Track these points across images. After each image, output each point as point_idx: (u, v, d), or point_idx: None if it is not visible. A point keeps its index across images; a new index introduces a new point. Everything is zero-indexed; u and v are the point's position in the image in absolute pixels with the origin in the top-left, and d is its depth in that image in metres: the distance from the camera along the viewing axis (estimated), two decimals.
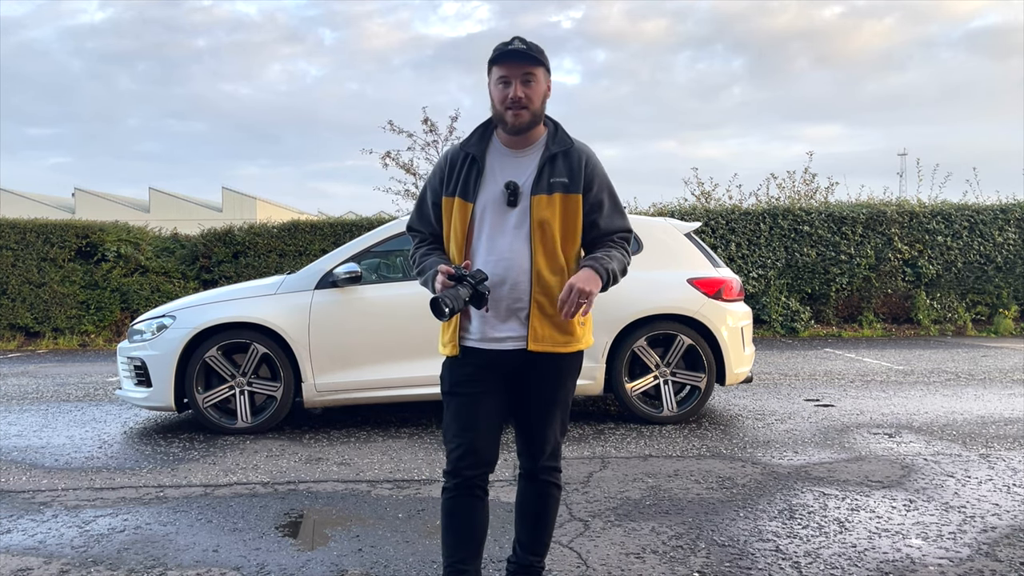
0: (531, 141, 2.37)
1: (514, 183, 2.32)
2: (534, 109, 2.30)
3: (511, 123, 2.29)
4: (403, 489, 4.03)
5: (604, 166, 2.44)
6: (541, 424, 2.43)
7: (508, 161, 2.36)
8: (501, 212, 2.32)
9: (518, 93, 2.26)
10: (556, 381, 2.41)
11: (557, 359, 2.38)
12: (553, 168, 2.33)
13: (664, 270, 5.69)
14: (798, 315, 12.22)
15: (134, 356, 5.44)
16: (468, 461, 2.33)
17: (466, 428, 2.34)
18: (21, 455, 4.90)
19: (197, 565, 3.04)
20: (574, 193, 2.33)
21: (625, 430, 5.34)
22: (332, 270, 5.45)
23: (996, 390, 6.86)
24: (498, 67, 2.29)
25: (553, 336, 2.34)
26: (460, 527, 2.38)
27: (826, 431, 5.26)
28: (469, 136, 2.42)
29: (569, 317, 2.23)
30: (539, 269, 2.30)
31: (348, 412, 6.04)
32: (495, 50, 2.28)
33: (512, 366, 2.37)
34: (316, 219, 13.04)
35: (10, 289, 12.14)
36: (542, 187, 2.31)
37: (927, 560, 2.99)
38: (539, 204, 2.30)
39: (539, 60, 2.28)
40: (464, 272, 2.22)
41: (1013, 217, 12.44)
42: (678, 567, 2.95)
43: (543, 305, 2.32)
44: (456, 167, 2.38)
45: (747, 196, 15.15)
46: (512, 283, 2.31)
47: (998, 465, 4.36)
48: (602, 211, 2.39)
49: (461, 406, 2.36)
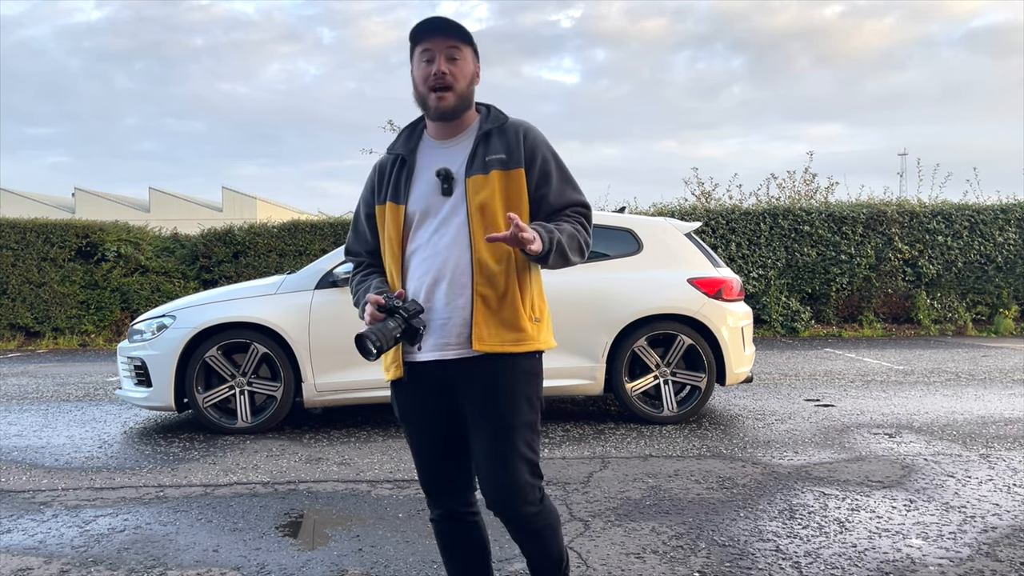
0: (462, 128, 2.10)
1: (446, 169, 2.05)
2: (460, 90, 2.03)
3: (434, 106, 2.02)
4: (403, 489, 4.03)
5: (552, 143, 2.15)
6: (501, 461, 2.01)
7: (439, 153, 2.10)
8: (436, 205, 2.05)
9: (442, 67, 1.99)
10: (509, 397, 2.02)
11: (508, 365, 2.02)
12: (488, 146, 2.06)
13: (664, 270, 5.69)
14: (798, 315, 12.22)
15: (134, 356, 5.44)
16: (440, 495, 2.15)
17: (428, 458, 2.13)
18: (21, 455, 4.90)
19: (197, 565, 3.04)
20: (514, 168, 2.04)
21: (625, 430, 5.34)
22: (332, 270, 5.45)
23: (996, 390, 6.86)
24: (420, 44, 2.03)
25: (500, 334, 2.01)
26: (457, 555, 2.21)
27: (826, 431, 5.26)
28: (396, 138, 2.18)
29: (501, 237, 1.87)
30: (480, 258, 2.00)
31: (348, 412, 6.04)
32: (415, 26, 2.04)
33: (459, 383, 2.04)
34: (316, 219, 13.05)
35: (10, 289, 12.14)
36: (477, 167, 2.03)
37: (927, 560, 2.99)
38: (475, 185, 2.02)
39: (464, 36, 2.04)
40: (396, 303, 1.95)
41: (1013, 217, 12.44)
42: (678, 567, 2.95)
43: (487, 298, 2.00)
44: (386, 173, 2.13)
45: (747, 196, 15.16)
46: (450, 279, 2.02)
47: (998, 465, 4.36)
48: (550, 184, 2.07)
49: (417, 436, 2.13)
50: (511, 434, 2.01)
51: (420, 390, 2.08)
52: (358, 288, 2.19)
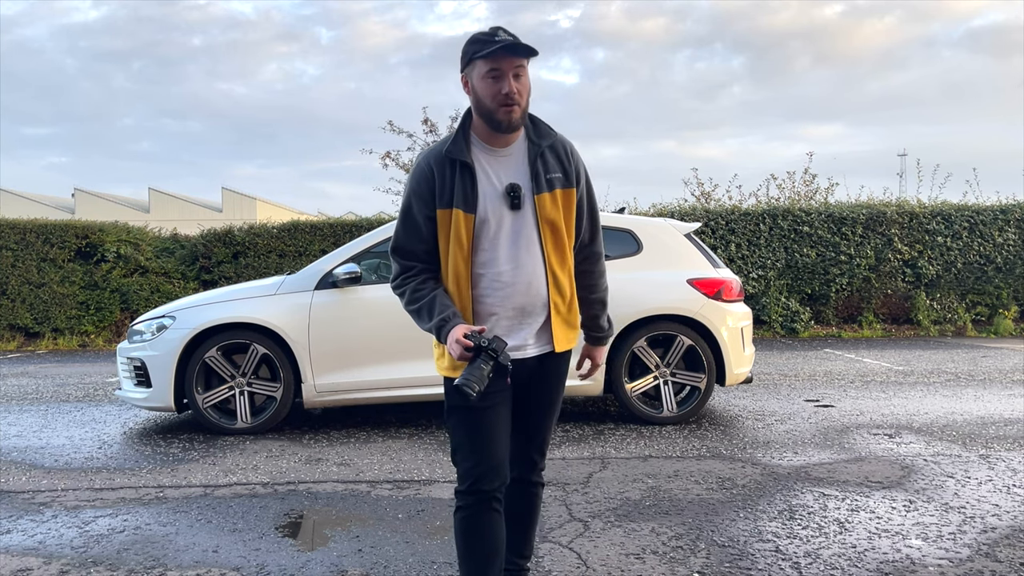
0: (514, 138, 2.23)
1: (515, 185, 2.19)
2: (524, 105, 2.17)
3: (505, 121, 2.14)
4: (403, 489, 4.03)
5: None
6: (543, 427, 2.41)
7: (495, 161, 2.22)
8: (505, 217, 2.19)
9: (512, 87, 2.10)
10: (559, 380, 2.40)
11: (558, 359, 2.36)
12: (546, 164, 2.23)
13: (664, 270, 5.70)
14: (798, 316, 12.22)
15: (134, 356, 5.44)
16: (489, 477, 2.22)
17: (486, 443, 2.22)
18: (21, 455, 4.90)
19: (197, 565, 3.04)
20: (570, 187, 2.26)
21: (625, 430, 5.34)
22: (332, 270, 5.45)
23: (996, 391, 6.86)
24: (486, 61, 2.10)
25: (568, 335, 2.34)
26: (483, 546, 2.23)
27: (826, 432, 5.26)
28: (452, 141, 2.22)
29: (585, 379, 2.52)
30: (554, 270, 2.25)
31: (348, 412, 6.04)
32: (478, 43, 2.11)
33: (520, 373, 2.27)
34: (316, 219, 13.05)
35: (10, 289, 12.13)
36: (542, 185, 2.21)
37: (927, 561, 2.99)
38: (543, 204, 2.21)
39: (531, 51, 2.12)
40: (482, 342, 2.06)
41: (1013, 218, 12.43)
42: (678, 567, 2.95)
43: (558, 306, 2.29)
44: (446, 175, 2.19)
45: (747, 196, 15.18)
46: (528, 289, 2.22)
47: (998, 466, 4.36)
48: (583, 216, 2.33)
49: (477, 420, 2.22)
50: (555, 407, 2.43)
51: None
52: (417, 296, 2.23)
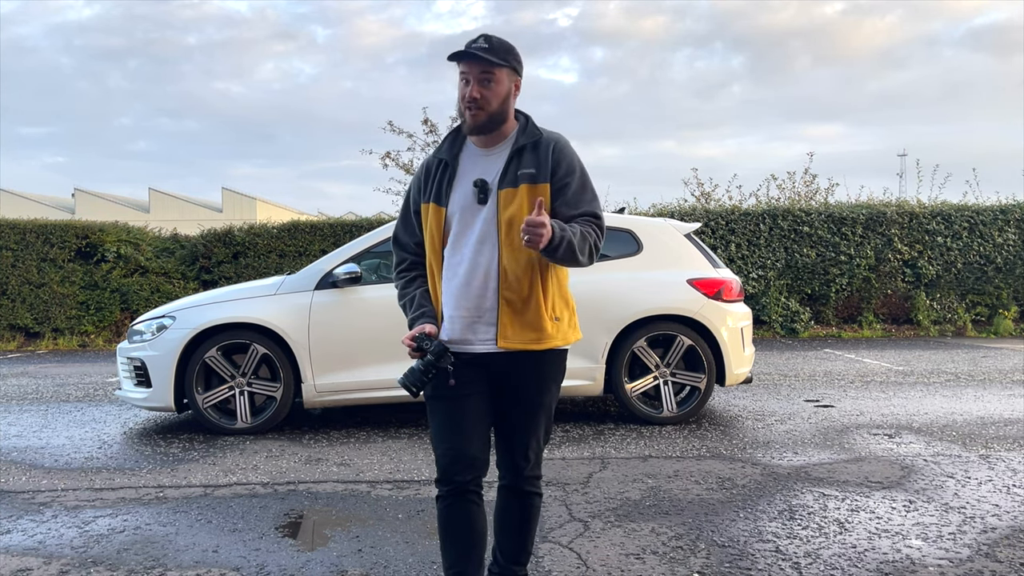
0: (502, 138, 2.32)
1: (483, 180, 2.27)
2: (491, 111, 2.24)
3: (468, 122, 2.26)
4: (403, 490, 4.03)
5: (580, 156, 2.36)
6: (521, 429, 2.36)
7: (479, 161, 2.32)
8: (472, 212, 2.28)
9: (474, 93, 2.22)
10: (536, 383, 2.34)
11: (535, 359, 2.31)
12: (521, 160, 2.27)
13: (664, 270, 5.69)
14: (798, 316, 12.22)
15: (134, 356, 5.44)
16: (458, 466, 2.26)
17: (453, 432, 2.27)
18: (21, 455, 4.90)
19: (197, 565, 3.04)
20: (541, 183, 2.25)
21: (625, 431, 5.34)
22: (332, 270, 5.45)
23: (996, 391, 6.86)
24: (457, 65, 2.26)
25: (523, 334, 2.27)
26: (458, 537, 2.30)
27: (826, 432, 5.26)
28: (441, 142, 2.39)
29: (526, 242, 2.10)
30: (505, 267, 2.25)
31: (348, 412, 6.04)
32: (453, 52, 2.25)
33: (491, 369, 2.30)
34: (316, 219, 13.04)
35: (10, 289, 12.13)
36: (508, 180, 2.26)
37: (927, 561, 2.99)
38: (506, 198, 2.25)
39: (497, 62, 2.22)
40: (424, 344, 2.20)
41: (1013, 218, 12.44)
42: (678, 568, 2.95)
43: (512, 302, 2.26)
44: (432, 173, 2.35)
45: (747, 197, 15.16)
46: (478, 283, 2.26)
47: (998, 466, 4.36)
48: (566, 193, 2.28)
49: (445, 409, 2.29)
50: (536, 411, 2.35)
51: (454, 366, 2.27)
52: (404, 292, 2.42)
